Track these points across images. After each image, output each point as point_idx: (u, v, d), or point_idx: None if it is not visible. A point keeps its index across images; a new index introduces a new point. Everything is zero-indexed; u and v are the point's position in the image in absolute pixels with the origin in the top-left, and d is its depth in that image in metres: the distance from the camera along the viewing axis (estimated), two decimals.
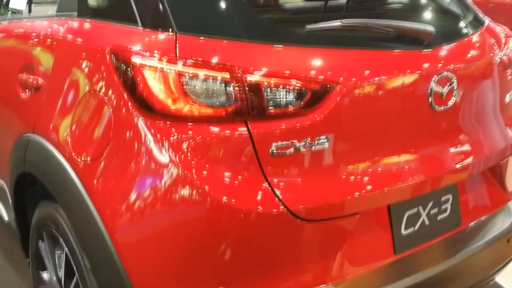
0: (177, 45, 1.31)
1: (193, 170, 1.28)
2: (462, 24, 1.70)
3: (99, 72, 1.42)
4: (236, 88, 1.27)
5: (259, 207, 1.29)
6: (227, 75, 1.27)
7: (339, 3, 1.72)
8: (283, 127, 1.29)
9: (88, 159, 1.41)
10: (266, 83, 1.28)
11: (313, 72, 1.32)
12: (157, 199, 1.30)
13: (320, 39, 1.40)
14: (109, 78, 1.38)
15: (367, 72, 1.37)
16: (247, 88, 1.27)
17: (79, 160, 1.43)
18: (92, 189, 1.39)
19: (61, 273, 1.67)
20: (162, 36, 1.34)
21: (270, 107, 1.29)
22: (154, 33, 1.36)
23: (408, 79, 1.44)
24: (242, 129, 1.28)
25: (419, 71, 1.45)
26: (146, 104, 1.31)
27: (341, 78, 1.32)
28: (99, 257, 1.39)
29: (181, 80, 1.28)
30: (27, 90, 1.74)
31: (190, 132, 1.29)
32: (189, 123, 1.29)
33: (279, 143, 1.29)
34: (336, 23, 1.39)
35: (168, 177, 1.29)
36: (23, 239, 1.99)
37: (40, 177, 1.60)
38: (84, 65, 1.48)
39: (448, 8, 1.76)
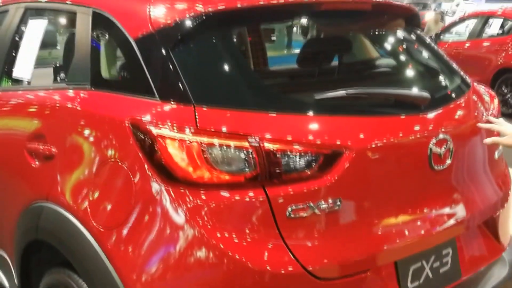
0: (196, 116, 1.39)
1: (214, 234, 1.34)
2: (452, 87, 1.85)
3: (119, 142, 1.48)
4: (254, 155, 1.35)
5: (278, 267, 1.34)
6: (245, 143, 1.35)
7: (340, 74, 1.86)
8: (298, 190, 1.37)
9: (109, 225, 1.45)
10: (281, 150, 1.36)
11: (323, 138, 1.42)
12: (181, 264, 1.35)
13: (327, 107, 1.51)
14: (129, 148, 1.44)
15: (372, 137, 1.48)
16: (264, 155, 1.35)
17: (99, 227, 1.47)
18: (113, 255, 1.42)
19: None
20: (181, 108, 1.42)
21: (285, 172, 1.37)
22: (173, 106, 1.44)
23: (409, 142, 1.55)
24: (260, 194, 1.36)
25: (418, 134, 1.56)
26: (167, 172, 1.38)
27: (349, 143, 1.42)
28: None
29: (201, 149, 1.36)
30: (37, 159, 1.78)
31: (211, 197, 1.35)
32: (210, 189, 1.36)
33: (295, 206, 1.37)
34: (341, 92, 1.50)
35: (190, 242, 1.35)
36: None
37: (56, 244, 1.61)
38: (102, 135, 1.55)
39: (437, 72, 1.91)
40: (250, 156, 1.35)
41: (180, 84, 1.45)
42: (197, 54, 1.53)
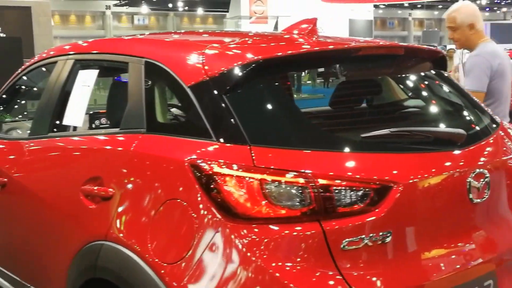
0: (253, 155, 1.50)
1: (273, 267, 1.42)
2: (482, 125, 1.95)
3: (178, 181, 1.58)
4: (310, 191, 1.45)
5: None
6: (301, 180, 1.45)
7: (375, 114, 1.98)
8: (351, 224, 1.46)
9: (170, 261, 1.53)
10: (335, 186, 1.46)
11: (372, 174, 1.51)
12: None
13: (373, 145, 1.62)
14: (188, 186, 1.55)
15: (417, 171, 1.58)
16: (319, 191, 1.45)
17: (160, 262, 1.55)
18: None
19: None
20: (237, 148, 1.53)
21: (339, 207, 1.46)
22: (229, 146, 1.55)
23: (449, 176, 1.64)
24: (316, 227, 1.44)
25: (458, 169, 1.66)
26: (226, 208, 1.47)
27: (397, 178, 1.52)
28: None
29: (259, 185, 1.46)
30: (94, 201, 1.87)
31: (268, 231, 1.44)
32: (267, 224, 1.45)
33: (348, 238, 1.45)
34: (386, 131, 1.62)
35: (250, 276, 1.42)
36: None
37: (117, 281, 1.68)
38: (161, 175, 1.65)
39: (467, 111, 2.02)
40: (306, 191, 1.45)
41: (235, 126, 1.57)
42: (249, 98, 1.65)
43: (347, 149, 1.57)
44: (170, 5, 29.20)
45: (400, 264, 1.52)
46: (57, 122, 2.32)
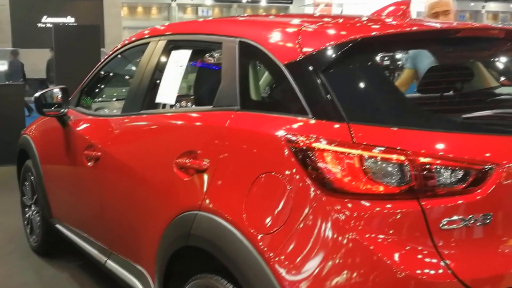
0: (351, 132, 1.52)
1: (368, 241, 1.43)
2: None
3: (275, 156, 1.63)
4: (410, 169, 1.45)
5: (432, 275, 1.41)
6: (401, 157, 1.45)
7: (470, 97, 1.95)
8: (451, 204, 1.45)
9: (265, 231, 1.58)
10: (436, 165, 1.45)
11: (474, 155, 1.49)
12: (335, 269, 1.44)
13: (475, 126, 1.60)
14: (285, 161, 1.58)
15: None
16: (420, 169, 1.44)
17: (255, 232, 1.60)
18: (270, 258, 1.54)
19: None
20: (336, 125, 1.55)
21: (439, 186, 1.45)
22: (327, 123, 1.57)
23: None
24: (415, 205, 1.44)
25: None
26: (324, 183, 1.50)
27: (499, 160, 1.49)
28: None
29: (359, 162, 1.47)
30: (188, 173, 1.96)
31: (366, 207, 1.46)
32: (366, 200, 1.47)
33: (448, 218, 1.44)
34: (489, 112, 1.59)
35: (345, 248, 1.44)
36: None
37: (211, 249, 1.76)
38: (257, 150, 1.70)
39: None
40: (406, 169, 1.45)
41: (332, 103, 1.59)
42: (346, 76, 1.67)
43: (448, 129, 1.55)
44: None
45: (500, 248, 1.49)
46: (150, 100, 2.43)
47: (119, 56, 3.00)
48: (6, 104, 7.22)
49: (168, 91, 2.32)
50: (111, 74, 3.38)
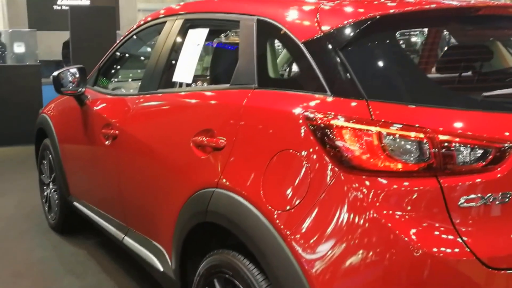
0: (370, 109, 1.52)
1: (386, 218, 1.44)
2: None
3: (292, 133, 1.63)
4: (429, 146, 1.44)
5: (450, 252, 1.41)
6: (420, 134, 1.45)
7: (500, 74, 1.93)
8: (470, 182, 1.44)
9: (283, 208, 1.59)
10: (455, 143, 1.44)
11: (494, 133, 1.48)
12: (353, 245, 1.45)
13: (495, 105, 1.58)
14: (303, 138, 1.59)
15: None
16: (439, 147, 1.44)
17: (273, 209, 1.61)
18: (288, 236, 1.55)
19: None
20: (354, 103, 1.55)
21: (458, 164, 1.45)
22: (346, 100, 1.57)
23: None
24: (434, 183, 1.44)
25: None
26: (342, 160, 1.50)
27: None
28: None
29: (377, 138, 1.47)
30: (205, 151, 1.97)
31: (384, 184, 1.46)
32: (384, 177, 1.47)
33: (467, 196, 1.44)
34: (509, 90, 1.57)
35: (363, 225, 1.45)
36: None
37: (228, 225, 1.78)
38: (274, 128, 1.71)
39: None
40: (425, 147, 1.44)
41: (351, 81, 1.58)
42: (365, 53, 1.66)
43: (468, 107, 1.54)
44: None
45: None
46: (167, 79, 2.44)
47: (135, 36, 3.01)
48: (23, 84, 7.31)
49: (185, 70, 2.32)
50: (128, 54, 3.40)
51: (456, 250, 1.42)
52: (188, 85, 2.34)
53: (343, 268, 1.46)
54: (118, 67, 3.44)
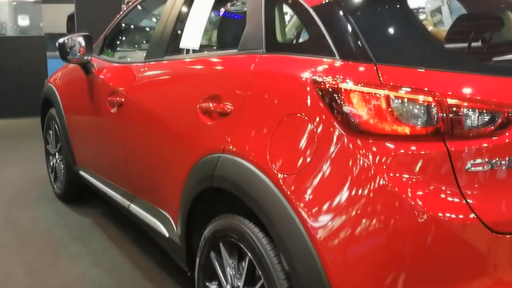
0: (379, 72, 1.50)
1: (392, 182, 1.44)
2: None
3: (300, 97, 1.62)
4: (437, 110, 1.44)
5: (455, 216, 1.41)
6: (429, 98, 1.44)
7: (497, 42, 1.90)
8: (478, 147, 1.44)
9: (289, 173, 1.59)
10: (464, 107, 1.44)
11: (503, 98, 1.47)
12: (359, 208, 1.46)
13: (506, 70, 1.56)
14: (310, 102, 1.58)
15: None
16: (447, 111, 1.43)
17: (279, 173, 1.61)
18: (293, 199, 1.56)
19: (240, 281, 1.83)
20: (363, 65, 1.54)
21: (466, 128, 1.44)
22: (354, 64, 1.56)
23: None
24: (441, 147, 1.44)
25: None
26: (350, 124, 1.49)
27: None
28: (299, 261, 1.54)
29: (384, 102, 1.46)
30: (212, 117, 1.97)
31: (391, 148, 1.46)
32: (391, 141, 1.46)
33: (474, 160, 1.43)
34: None
35: (369, 189, 1.45)
36: (188, 253, 2.19)
37: (234, 190, 1.79)
38: (282, 92, 1.70)
39: None
40: (433, 110, 1.44)
41: (359, 44, 1.57)
42: (374, 17, 1.64)
43: (477, 72, 1.53)
44: None
45: None
46: (174, 45, 2.43)
47: (140, 5, 2.99)
48: (29, 56, 7.29)
49: (192, 36, 2.31)
50: (133, 23, 3.38)
51: (462, 213, 1.42)
52: (195, 51, 2.33)
53: (350, 231, 1.46)
54: (124, 36, 3.43)
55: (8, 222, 3.60)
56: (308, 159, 1.56)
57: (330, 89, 1.54)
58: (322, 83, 1.56)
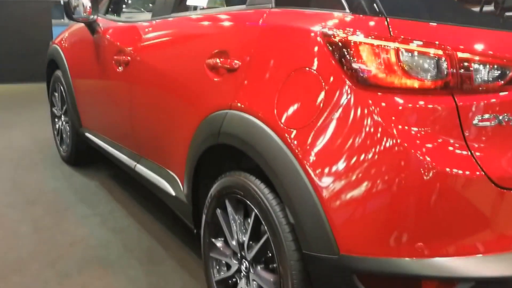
0: (389, 26, 1.49)
1: (401, 135, 1.43)
2: None
3: (309, 51, 1.60)
4: (447, 64, 1.42)
5: (461, 170, 1.41)
6: (439, 51, 1.43)
7: None
8: (486, 102, 1.43)
9: (297, 127, 1.59)
10: (474, 61, 1.42)
11: None
12: (366, 162, 1.46)
13: None
14: (320, 56, 1.56)
15: None
16: (457, 65, 1.42)
17: (286, 128, 1.61)
18: (300, 153, 1.56)
19: (246, 236, 1.85)
20: (373, 19, 1.52)
21: (475, 83, 1.43)
22: (364, 17, 1.54)
23: None
24: (449, 101, 1.43)
25: None
26: (359, 78, 1.48)
27: None
28: (305, 215, 1.55)
29: (394, 55, 1.45)
30: (219, 73, 1.96)
31: (400, 102, 1.45)
32: (400, 95, 1.45)
33: (482, 116, 1.43)
34: None
35: (377, 142, 1.45)
36: (194, 211, 2.21)
37: (240, 146, 1.79)
38: (290, 46, 1.68)
39: None
40: (443, 64, 1.42)
41: None
42: None
43: (488, 26, 1.51)
44: None
45: None
46: (181, 2, 2.40)
47: None
48: (34, 21, 7.23)
49: None
50: None
51: (468, 168, 1.42)
52: (202, 8, 2.30)
53: (358, 185, 1.46)
54: None
55: (14, 183, 3.64)
56: (316, 113, 1.55)
57: (340, 42, 1.52)
58: (332, 36, 1.54)
